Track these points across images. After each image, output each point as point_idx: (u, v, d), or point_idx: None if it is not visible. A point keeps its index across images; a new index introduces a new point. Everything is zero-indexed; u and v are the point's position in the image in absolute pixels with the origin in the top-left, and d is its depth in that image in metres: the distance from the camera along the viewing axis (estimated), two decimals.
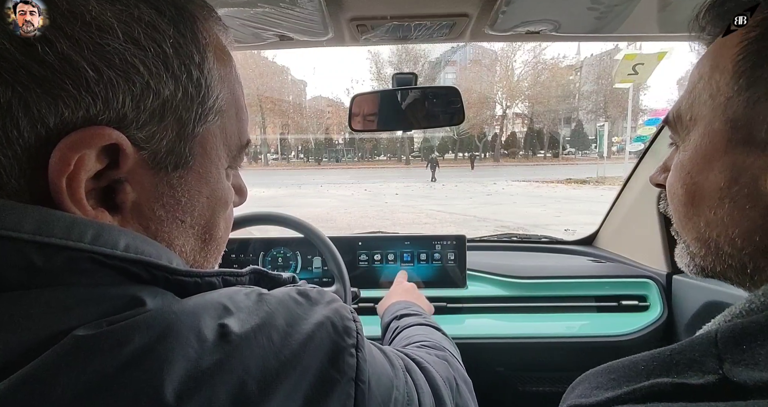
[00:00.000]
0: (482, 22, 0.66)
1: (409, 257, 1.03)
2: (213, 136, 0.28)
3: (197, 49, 0.26)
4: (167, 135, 0.25)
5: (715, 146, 0.29)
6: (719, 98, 0.29)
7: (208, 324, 0.22)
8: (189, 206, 0.28)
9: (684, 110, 0.32)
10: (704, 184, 0.30)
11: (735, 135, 0.28)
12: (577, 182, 13.40)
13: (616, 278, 1.02)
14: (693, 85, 0.32)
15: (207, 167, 0.28)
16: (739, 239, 0.28)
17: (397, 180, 15.91)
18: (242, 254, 1.04)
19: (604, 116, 27.27)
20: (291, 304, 0.27)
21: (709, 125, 0.29)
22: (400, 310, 0.70)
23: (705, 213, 0.30)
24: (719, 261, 0.30)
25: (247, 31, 0.66)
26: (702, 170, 0.30)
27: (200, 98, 0.26)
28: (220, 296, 0.25)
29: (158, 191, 0.26)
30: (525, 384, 0.98)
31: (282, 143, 32.72)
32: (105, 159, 0.23)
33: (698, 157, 0.30)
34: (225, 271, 0.29)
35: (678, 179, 0.32)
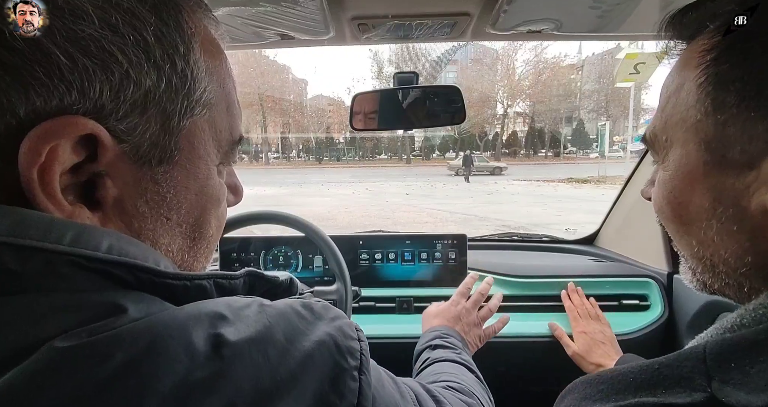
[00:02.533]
0: (484, 21, 0.65)
1: (410, 256, 1.03)
2: (201, 130, 0.27)
3: (182, 39, 0.25)
4: (150, 128, 0.24)
5: (693, 168, 0.29)
6: (689, 120, 0.28)
7: (200, 335, 0.21)
8: (175, 203, 0.27)
9: (659, 130, 0.32)
10: (689, 205, 0.29)
11: (710, 157, 0.27)
12: (578, 181, 13.37)
13: (617, 277, 1.02)
14: (663, 104, 0.31)
15: (195, 163, 0.27)
16: (732, 259, 0.28)
17: (398, 179, 15.90)
18: (243, 253, 1.04)
19: (606, 115, 27.21)
20: (293, 317, 0.25)
21: (684, 147, 0.29)
22: (435, 339, 0.66)
23: (696, 233, 0.30)
24: (717, 279, 0.30)
25: (248, 30, 0.66)
26: (685, 191, 0.30)
27: (186, 90, 0.25)
28: (216, 304, 0.23)
29: (142, 186, 0.25)
30: (526, 383, 0.98)
31: (283, 142, 32.72)
32: (82, 151, 0.22)
33: (679, 178, 0.30)
34: (217, 274, 0.27)
35: (663, 197, 0.32)
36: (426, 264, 1.03)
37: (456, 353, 0.63)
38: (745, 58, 0.25)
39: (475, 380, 0.56)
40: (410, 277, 1.03)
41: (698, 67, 0.27)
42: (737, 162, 0.26)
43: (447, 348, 0.64)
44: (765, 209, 0.24)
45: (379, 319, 0.99)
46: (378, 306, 1.01)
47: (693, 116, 0.28)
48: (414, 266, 1.03)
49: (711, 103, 0.26)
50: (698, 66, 0.27)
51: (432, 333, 0.69)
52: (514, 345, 0.92)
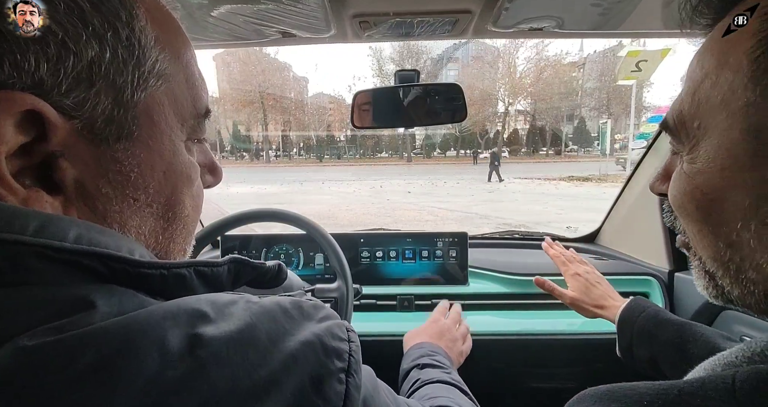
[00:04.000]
0: (485, 19, 0.65)
1: (411, 254, 1.03)
2: (159, 104, 0.26)
3: (122, 6, 0.23)
4: (101, 102, 0.23)
5: (736, 160, 0.24)
6: (735, 103, 0.24)
7: (176, 335, 0.20)
8: (141, 183, 0.25)
9: (688, 115, 0.27)
10: (723, 203, 0.25)
11: (762, 147, 0.23)
12: (579, 179, 13.35)
13: (618, 275, 1.02)
14: (696, 86, 0.27)
15: (158, 138, 0.26)
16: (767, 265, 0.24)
17: (399, 177, 15.89)
18: (244, 251, 1.04)
19: (607, 113, 27.12)
20: (279, 316, 0.24)
21: (725, 135, 0.25)
22: (423, 357, 0.64)
23: (726, 234, 0.26)
24: (738, 285, 0.26)
25: (249, 27, 0.66)
26: (719, 187, 0.25)
27: (134, 60, 0.24)
28: (199, 301, 0.22)
29: (102, 166, 0.23)
30: (526, 380, 0.98)
31: (284, 140, 32.72)
32: (30, 130, 0.21)
33: (714, 171, 0.26)
34: (197, 261, 0.26)
35: (686, 194, 0.28)
36: (427, 262, 1.03)
37: (446, 372, 0.60)
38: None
39: (471, 404, 0.54)
40: (411, 275, 1.03)
41: (756, 35, 0.23)
42: None
43: (436, 367, 0.61)
44: None
45: (380, 317, 0.99)
46: (379, 304, 1.01)
47: (742, 98, 0.23)
48: (415, 264, 1.03)
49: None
50: (756, 34, 0.23)
51: (418, 351, 0.67)
52: (514, 342, 0.92)
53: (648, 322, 0.62)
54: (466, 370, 0.96)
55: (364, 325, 0.94)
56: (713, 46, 0.26)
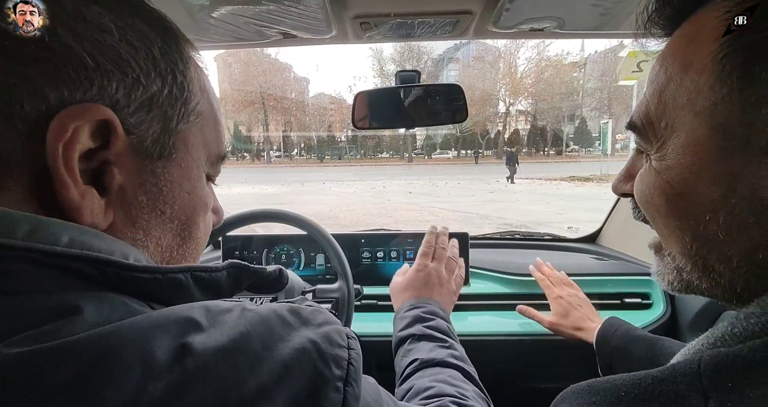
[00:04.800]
0: (486, 20, 0.65)
1: (412, 254, 1.03)
2: (194, 136, 0.31)
3: (181, 59, 0.29)
4: (154, 126, 0.27)
5: (704, 156, 0.25)
6: (701, 102, 0.25)
7: (164, 345, 0.19)
8: (170, 198, 0.29)
9: (655, 115, 0.28)
10: (691, 196, 0.26)
11: (728, 143, 0.24)
12: (580, 179, 13.33)
13: (619, 276, 1.02)
14: (661, 88, 0.28)
15: (188, 163, 0.30)
16: (736, 258, 0.25)
17: (400, 177, 15.89)
18: (246, 251, 1.05)
19: (608, 113, 27.09)
20: (275, 323, 0.24)
21: (692, 133, 0.26)
22: (416, 324, 0.59)
23: (692, 227, 0.27)
24: (706, 278, 0.27)
25: (251, 28, 0.66)
26: (687, 181, 0.27)
27: (183, 99, 0.29)
28: (192, 309, 0.22)
29: (142, 177, 0.27)
30: (527, 380, 0.98)
31: (285, 141, 32.77)
32: (98, 138, 0.25)
33: (682, 167, 0.27)
34: (194, 266, 0.27)
35: (655, 189, 0.29)
36: None
37: (446, 347, 0.56)
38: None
39: (477, 392, 0.52)
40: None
41: (718, 39, 0.24)
42: (763, 148, 0.23)
43: (434, 339, 0.57)
44: None
45: (381, 317, 0.99)
46: (380, 304, 1.01)
47: (708, 98, 0.24)
48: None
49: (738, 80, 0.23)
50: (718, 38, 0.24)
51: (410, 312, 0.61)
52: (515, 342, 0.92)
53: (622, 340, 0.67)
54: None
55: (365, 325, 0.94)
56: (676, 51, 0.27)
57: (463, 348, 0.61)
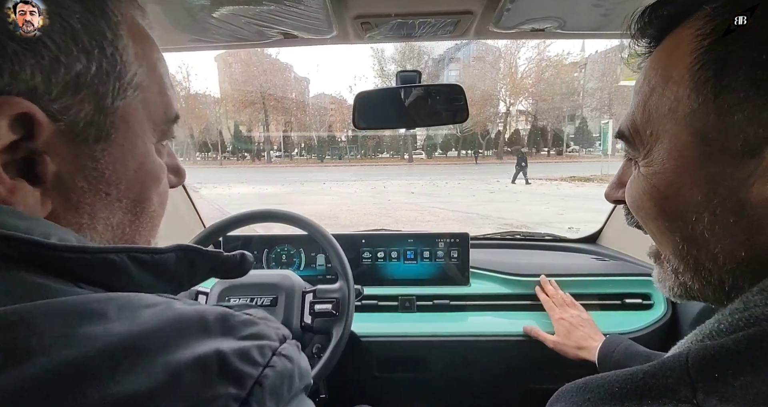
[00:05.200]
0: (487, 20, 0.65)
1: (413, 254, 1.03)
2: (135, 110, 0.28)
3: (108, 27, 0.26)
4: (84, 108, 0.25)
5: (686, 160, 0.27)
6: (681, 111, 0.27)
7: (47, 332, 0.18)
8: (114, 179, 0.28)
9: (641, 124, 0.30)
10: (677, 199, 0.28)
11: (707, 148, 0.26)
12: (580, 179, 13.31)
13: (620, 276, 1.02)
14: (645, 99, 0.30)
15: (132, 141, 0.28)
16: (721, 255, 0.26)
17: (400, 177, 15.88)
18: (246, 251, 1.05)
19: (609, 113, 27.06)
20: (191, 325, 0.21)
21: (675, 139, 0.28)
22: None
23: (682, 229, 0.28)
24: (698, 278, 0.29)
25: (251, 29, 0.66)
26: (673, 185, 0.28)
27: (116, 73, 0.27)
28: (108, 300, 0.21)
29: (80, 162, 0.26)
30: (527, 381, 0.98)
31: (285, 141, 32.77)
32: (19, 130, 0.23)
33: (668, 172, 0.28)
34: (133, 247, 0.25)
35: (645, 193, 0.30)
36: (428, 263, 1.03)
37: None
38: (761, 39, 0.24)
39: None
40: (412, 276, 1.03)
41: (692, 53, 0.26)
42: (738, 151, 0.24)
43: None
44: (766, 198, 0.24)
45: (381, 318, 0.99)
46: (380, 305, 1.01)
47: (687, 106, 0.26)
48: (416, 265, 1.03)
49: (712, 89, 0.25)
50: (692, 52, 0.26)
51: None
52: (516, 342, 0.92)
53: (622, 357, 0.70)
54: (467, 370, 0.96)
55: (365, 326, 0.94)
56: (657, 65, 0.29)
57: (464, 348, 0.62)
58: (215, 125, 30.64)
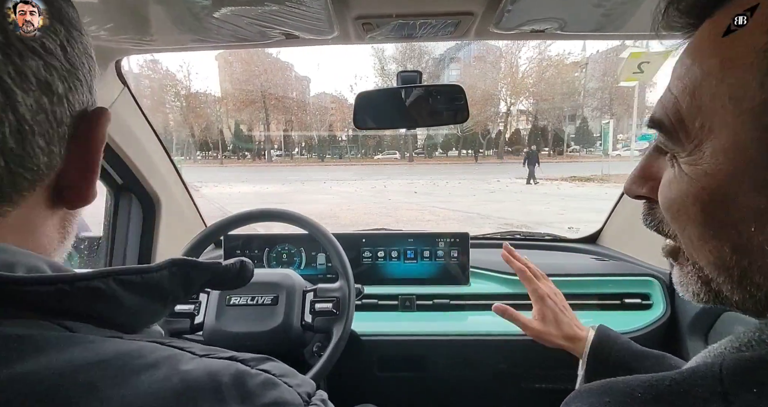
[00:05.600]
0: (487, 21, 0.66)
1: (413, 254, 1.04)
2: None
3: None
4: None
5: (750, 160, 0.23)
6: (748, 102, 0.23)
7: None
8: None
9: (688, 114, 0.26)
10: (732, 205, 0.24)
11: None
12: (581, 179, 13.30)
13: (620, 276, 1.02)
14: (695, 85, 0.26)
15: None
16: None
17: (401, 177, 15.87)
18: (247, 251, 1.05)
19: (610, 113, 27.04)
20: (199, 395, 0.18)
21: (736, 135, 0.24)
22: None
23: (732, 237, 0.25)
24: (741, 290, 0.25)
25: (253, 29, 0.66)
26: (728, 188, 0.24)
27: None
28: (99, 364, 0.17)
29: None
30: (526, 380, 0.98)
31: (285, 140, 32.77)
32: None
33: (723, 173, 0.24)
34: (119, 269, 0.22)
35: (689, 196, 0.27)
36: (428, 262, 1.03)
37: None
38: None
39: None
40: (413, 275, 1.04)
41: (766, 33, 0.22)
42: None
43: None
44: None
45: (382, 317, 1.00)
46: (380, 304, 1.01)
47: (754, 97, 0.22)
48: (416, 265, 1.04)
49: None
50: (766, 33, 0.22)
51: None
52: (515, 342, 0.92)
53: (625, 354, 0.59)
54: (467, 370, 0.97)
55: (365, 325, 0.94)
56: (711, 45, 0.25)
57: (464, 348, 0.61)
58: (216, 124, 30.62)
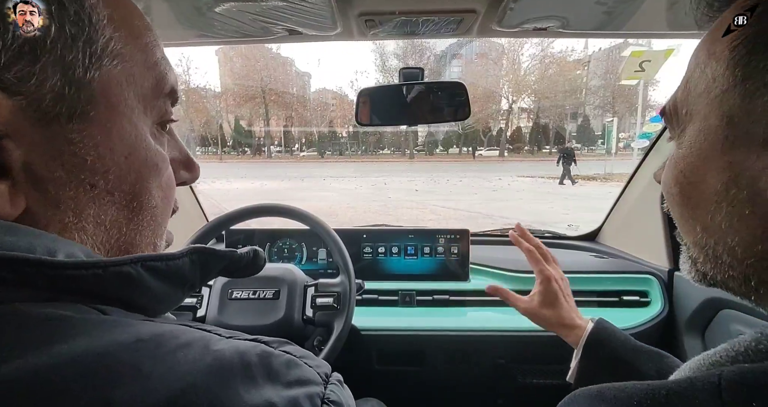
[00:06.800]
0: (490, 18, 0.66)
1: (413, 250, 1.05)
2: (117, 84, 0.24)
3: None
4: (49, 78, 0.21)
5: (711, 145, 0.26)
6: (714, 90, 0.25)
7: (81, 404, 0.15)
8: (100, 167, 0.23)
9: (680, 102, 0.29)
10: (700, 185, 0.27)
11: (732, 132, 0.24)
12: (584, 178, 13.27)
13: (618, 273, 1.03)
14: (689, 75, 0.28)
15: (116, 120, 0.24)
16: (739, 249, 0.25)
17: (401, 174, 15.86)
18: (248, 245, 1.06)
19: (612, 111, 26.96)
20: (235, 373, 0.19)
21: (704, 121, 0.26)
22: None
23: (702, 217, 0.27)
24: (719, 270, 0.27)
25: (256, 25, 0.67)
26: (697, 170, 0.27)
27: (85, 37, 0.22)
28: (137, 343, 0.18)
29: (54, 147, 0.22)
30: (525, 376, 0.99)
31: (286, 136, 32.73)
32: None
33: (693, 155, 0.27)
34: (146, 256, 0.23)
35: (673, 177, 0.29)
36: (428, 258, 1.04)
37: None
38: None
39: None
40: (413, 271, 1.05)
41: (734, 30, 0.25)
42: (761, 139, 0.23)
43: None
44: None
45: (382, 312, 1.01)
46: (380, 299, 1.02)
47: (719, 86, 0.25)
48: (416, 260, 1.04)
49: (742, 69, 0.24)
50: (734, 29, 0.25)
51: None
52: (514, 338, 0.93)
53: (621, 347, 0.57)
54: (465, 364, 0.98)
55: (365, 320, 0.95)
56: (707, 40, 0.28)
57: (463, 343, 0.62)
58: (216, 119, 30.56)
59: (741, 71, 0.24)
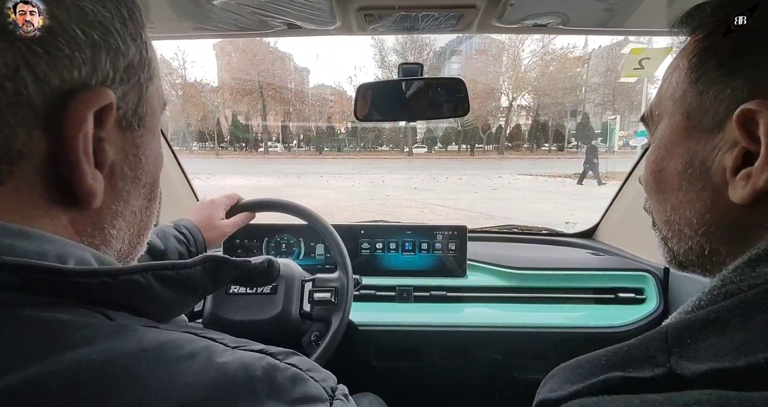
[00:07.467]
0: (490, 14, 0.65)
1: (411, 246, 1.05)
2: (155, 97, 0.29)
3: (140, 15, 0.27)
4: (132, 95, 0.26)
5: (675, 136, 0.32)
6: (678, 93, 0.32)
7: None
8: (144, 164, 0.28)
9: (654, 107, 0.36)
10: (666, 170, 0.33)
11: (689, 124, 0.31)
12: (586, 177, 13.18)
13: (614, 271, 1.03)
14: (661, 85, 0.35)
15: (155, 126, 0.29)
16: (695, 219, 0.31)
17: (400, 172, 15.83)
18: (246, 240, 1.06)
19: (612, 109, 26.94)
20: (239, 388, 0.19)
21: (671, 118, 0.33)
22: None
23: (670, 198, 0.33)
24: (682, 243, 0.33)
25: (255, 18, 0.66)
26: (664, 158, 0.33)
27: (147, 61, 0.27)
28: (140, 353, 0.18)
29: (126, 150, 0.26)
30: (522, 371, 1.00)
31: (283, 131, 32.58)
32: (96, 119, 0.23)
33: (662, 147, 0.33)
34: (157, 264, 0.24)
35: (648, 169, 0.35)
36: (426, 254, 1.04)
37: None
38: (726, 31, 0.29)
39: None
40: (410, 267, 1.05)
41: (695, 44, 0.32)
42: (709, 126, 0.29)
43: None
44: (723, 167, 0.28)
45: (379, 307, 1.01)
46: (378, 295, 1.03)
47: (681, 89, 0.32)
48: (414, 257, 1.05)
49: (695, 74, 0.30)
50: (693, 45, 0.32)
51: None
52: (511, 334, 0.94)
53: None
54: (462, 360, 0.99)
55: (363, 315, 0.96)
56: (677, 55, 0.34)
57: (460, 339, 0.62)
58: (212, 114, 30.38)
59: (694, 75, 0.30)
